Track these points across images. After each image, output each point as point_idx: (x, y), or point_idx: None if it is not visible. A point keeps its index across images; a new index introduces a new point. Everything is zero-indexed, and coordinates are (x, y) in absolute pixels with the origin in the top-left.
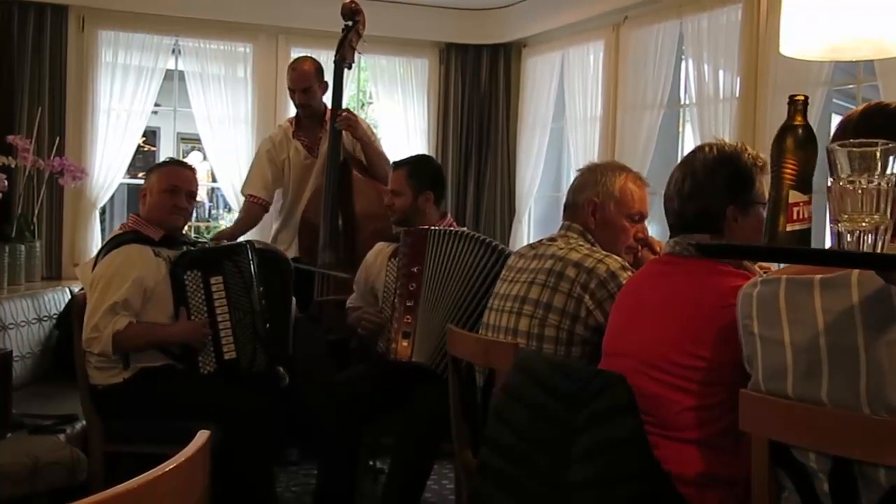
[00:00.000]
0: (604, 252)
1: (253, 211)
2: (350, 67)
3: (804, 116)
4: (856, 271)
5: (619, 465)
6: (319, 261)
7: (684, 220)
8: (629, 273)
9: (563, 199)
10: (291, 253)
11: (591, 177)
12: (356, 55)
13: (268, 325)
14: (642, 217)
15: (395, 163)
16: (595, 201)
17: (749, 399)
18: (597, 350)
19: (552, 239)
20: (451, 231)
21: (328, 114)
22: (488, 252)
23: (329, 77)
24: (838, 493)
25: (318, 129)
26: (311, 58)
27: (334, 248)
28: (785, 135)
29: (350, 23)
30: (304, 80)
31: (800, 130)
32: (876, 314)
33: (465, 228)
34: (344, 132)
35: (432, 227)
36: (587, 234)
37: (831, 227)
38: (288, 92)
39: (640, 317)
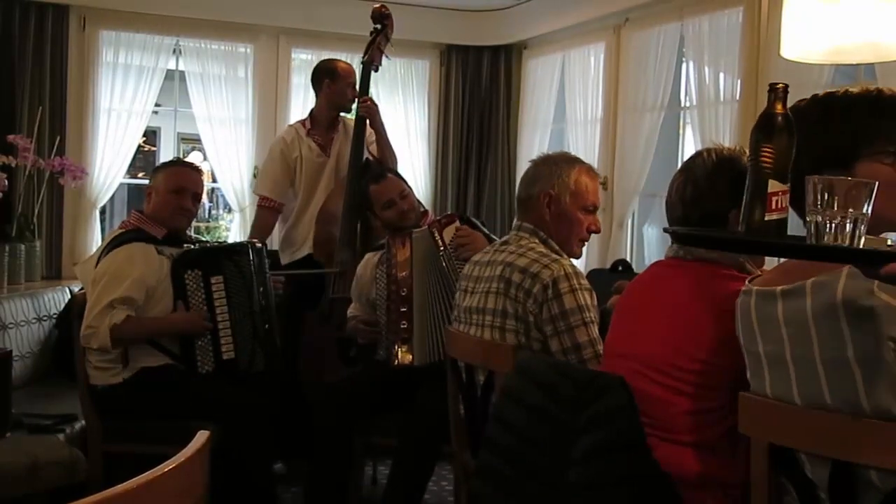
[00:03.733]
0: (553, 255)
1: (263, 217)
2: (377, 70)
3: (784, 104)
4: (810, 280)
5: (618, 467)
6: (336, 258)
7: (688, 225)
8: (577, 280)
9: None
10: (304, 251)
11: (546, 169)
12: (384, 58)
13: (267, 326)
14: (595, 208)
15: (382, 171)
16: (551, 193)
17: (749, 402)
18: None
19: (505, 242)
20: (430, 229)
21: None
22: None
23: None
24: (837, 496)
25: (332, 130)
26: None
27: (351, 246)
28: (764, 122)
29: (379, 26)
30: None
31: (779, 118)
32: (826, 324)
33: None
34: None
35: (413, 230)
36: (539, 232)
37: (807, 219)
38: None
39: (642, 319)
